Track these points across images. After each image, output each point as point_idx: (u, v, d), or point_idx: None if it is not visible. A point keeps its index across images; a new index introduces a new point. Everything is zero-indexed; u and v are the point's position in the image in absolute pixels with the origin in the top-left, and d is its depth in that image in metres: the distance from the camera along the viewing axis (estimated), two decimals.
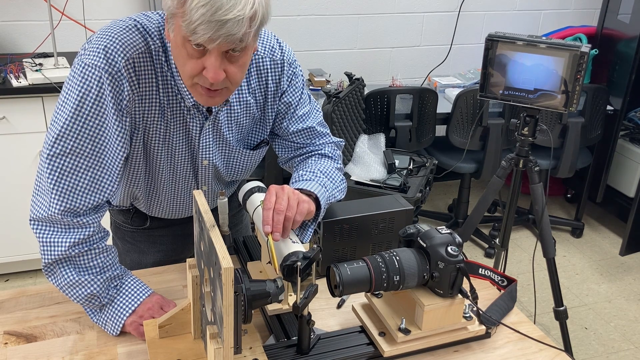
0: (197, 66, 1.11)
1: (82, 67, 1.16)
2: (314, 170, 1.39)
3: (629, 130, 3.56)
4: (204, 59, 1.10)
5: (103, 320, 1.25)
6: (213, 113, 1.31)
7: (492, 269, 1.41)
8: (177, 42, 1.11)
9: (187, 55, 1.11)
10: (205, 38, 1.05)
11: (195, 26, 1.04)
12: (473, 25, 3.79)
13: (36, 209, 1.21)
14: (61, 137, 1.16)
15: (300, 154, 1.47)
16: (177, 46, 1.12)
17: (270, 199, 1.19)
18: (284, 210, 1.17)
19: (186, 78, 1.15)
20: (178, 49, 1.12)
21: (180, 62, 1.14)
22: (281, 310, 1.23)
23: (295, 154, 1.47)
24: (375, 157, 2.82)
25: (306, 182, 1.33)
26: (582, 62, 1.95)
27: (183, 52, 1.11)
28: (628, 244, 3.41)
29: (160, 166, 1.33)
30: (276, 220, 1.16)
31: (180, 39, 1.09)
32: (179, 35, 1.09)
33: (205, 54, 1.10)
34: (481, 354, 1.23)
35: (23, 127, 2.62)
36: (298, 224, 1.21)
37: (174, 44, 1.13)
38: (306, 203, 1.24)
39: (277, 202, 1.18)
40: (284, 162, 1.51)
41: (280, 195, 1.19)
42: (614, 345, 2.72)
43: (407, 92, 3.13)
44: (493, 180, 2.31)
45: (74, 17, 2.97)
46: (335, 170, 1.43)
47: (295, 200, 1.21)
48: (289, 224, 1.18)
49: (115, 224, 1.58)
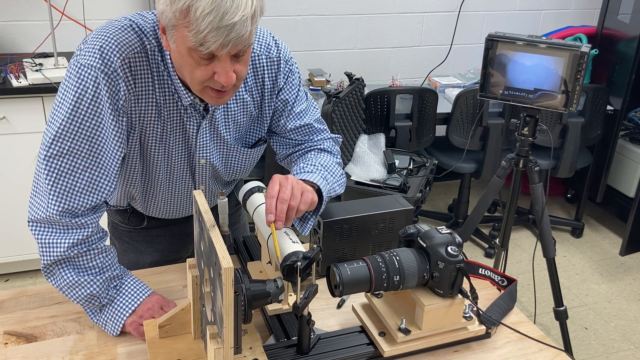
0: (207, 72, 1.11)
1: (78, 67, 1.16)
2: (314, 163, 1.39)
3: (629, 130, 3.56)
4: (213, 65, 1.10)
5: (103, 320, 1.25)
6: (210, 112, 1.30)
7: (492, 269, 1.41)
8: (182, 52, 1.10)
9: (195, 64, 1.10)
10: (217, 45, 1.04)
11: (204, 35, 1.03)
12: (473, 25, 3.79)
13: (34, 210, 1.21)
14: (58, 138, 1.16)
15: (299, 150, 1.47)
16: (181, 56, 1.12)
17: (274, 187, 1.17)
18: (288, 199, 1.16)
19: (195, 84, 1.15)
20: (183, 58, 1.11)
21: (187, 71, 1.13)
22: (281, 310, 1.23)
23: (293, 150, 1.48)
24: (375, 157, 2.82)
25: (308, 174, 1.33)
26: (582, 62, 1.95)
27: (190, 61, 1.10)
28: (628, 244, 3.40)
29: (157, 166, 1.33)
30: (279, 209, 1.15)
31: (186, 49, 1.08)
32: (183, 45, 1.08)
33: (214, 60, 1.10)
34: (481, 354, 1.23)
35: (23, 127, 2.62)
36: (301, 214, 1.21)
37: (177, 54, 1.12)
38: (310, 193, 1.23)
39: (281, 190, 1.17)
40: (282, 159, 1.51)
41: (284, 184, 1.18)
42: (614, 345, 2.72)
43: (407, 92, 3.12)
44: (493, 180, 2.31)
45: (74, 17, 2.97)
46: (335, 165, 1.43)
47: (299, 189, 1.20)
48: (292, 214, 1.18)
49: (112, 224, 1.58)
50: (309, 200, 1.22)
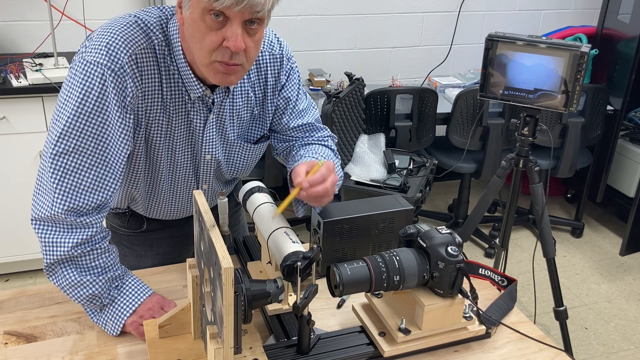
0: (217, 38, 1.11)
1: (84, 64, 1.16)
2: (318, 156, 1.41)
3: (629, 130, 3.56)
4: (224, 30, 1.11)
5: (103, 320, 1.25)
6: (217, 104, 1.30)
7: (492, 269, 1.41)
8: (195, 17, 1.11)
9: (207, 28, 1.11)
10: (231, 1, 1.05)
11: None
12: (473, 25, 3.79)
13: (38, 208, 1.20)
14: (64, 136, 1.16)
15: (298, 143, 1.48)
16: (194, 22, 1.12)
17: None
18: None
19: (204, 55, 1.14)
20: (196, 24, 1.12)
21: (197, 38, 1.13)
22: (281, 310, 1.23)
23: (292, 144, 1.48)
24: (375, 157, 2.82)
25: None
26: (582, 62, 1.95)
27: (202, 26, 1.11)
28: (628, 244, 3.40)
29: (160, 163, 1.33)
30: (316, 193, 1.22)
31: (199, 11, 1.09)
32: (197, 8, 1.09)
33: (226, 24, 1.10)
34: (481, 354, 1.23)
35: (23, 127, 2.62)
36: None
37: (190, 21, 1.13)
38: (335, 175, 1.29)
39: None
40: (278, 153, 1.51)
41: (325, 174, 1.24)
42: (614, 345, 2.72)
43: (407, 92, 3.12)
44: (493, 180, 2.31)
45: (74, 17, 2.97)
46: (338, 163, 1.45)
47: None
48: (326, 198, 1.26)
49: (111, 228, 1.57)
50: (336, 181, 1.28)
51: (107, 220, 1.58)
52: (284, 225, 1.23)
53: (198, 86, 1.24)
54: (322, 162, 1.24)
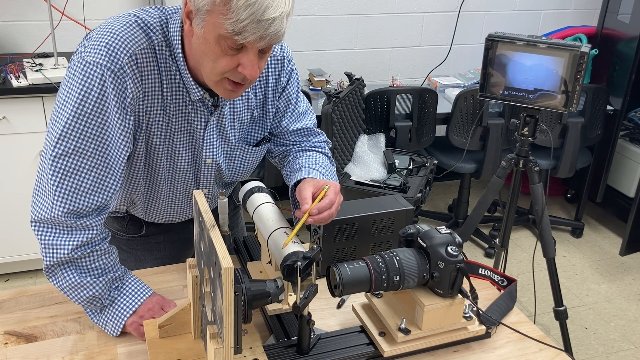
0: (232, 63, 1.11)
1: (83, 64, 1.14)
2: (322, 164, 1.41)
3: (629, 130, 3.56)
4: (239, 56, 1.10)
5: (103, 321, 1.25)
6: (219, 107, 1.30)
7: (492, 269, 1.41)
8: (209, 38, 1.09)
9: (221, 52, 1.10)
10: (255, 37, 1.05)
11: (244, 26, 1.03)
12: (473, 25, 3.79)
13: (38, 210, 1.19)
14: (63, 137, 1.15)
15: (295, 148, 1.48)
16: (207, 42, 1.10)
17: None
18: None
19: (215, 74, 1.14)
20: (209, 45, 1.10)
21: (210, 59, 1.12)
22: (281, 310, 1.23)
23: (289, 149, 1.48)
24: (375, 157, 2.82)
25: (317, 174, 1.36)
26: (582, 62, 1.95)
27: (216, 49, 1.10)
28: (628, 244, 3.40)
29: (160, 166, 1.32)
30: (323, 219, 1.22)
31: (215, 36, 1.08)
32: (212, 32, 1.08)
33: (242, 50, 1.10)
34: (481, 354, 1.23)
35: (23, 127, 2.62)
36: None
37: (203, 39, 1.11)
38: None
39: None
40: (274, 156, 1.51)
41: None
42: (614, 345, 2.72)
43: (407, 92, 3.13)
44: (493, 180, 2.31)
45: (74, 17, 2.97)
46: (333, 169, 1.45)
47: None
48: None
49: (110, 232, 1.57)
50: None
51: (105, 225, 1.57)
52: (284, 225, 1.23)
53: (195, 90, 1.24)
54: (327, 187, 1.24)
